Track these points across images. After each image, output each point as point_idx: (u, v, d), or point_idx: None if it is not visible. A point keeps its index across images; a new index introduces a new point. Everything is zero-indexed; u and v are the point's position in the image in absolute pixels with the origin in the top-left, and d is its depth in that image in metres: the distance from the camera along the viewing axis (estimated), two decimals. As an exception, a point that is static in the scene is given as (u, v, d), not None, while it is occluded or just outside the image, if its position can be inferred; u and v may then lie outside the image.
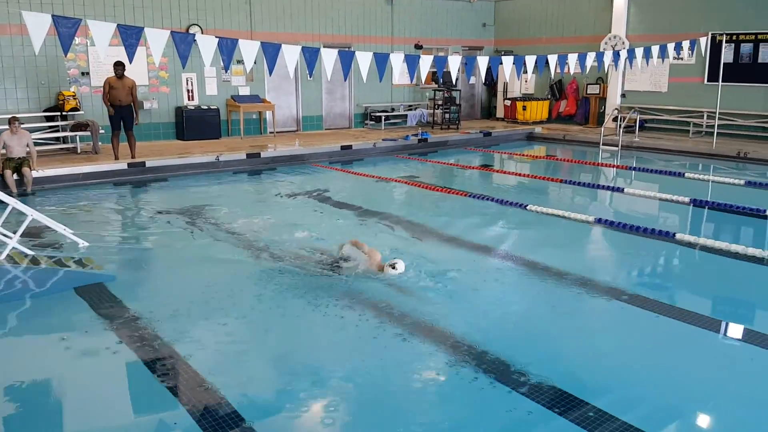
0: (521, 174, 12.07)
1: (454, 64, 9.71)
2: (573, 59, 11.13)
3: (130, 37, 6.83)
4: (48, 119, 12.43)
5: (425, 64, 9.21)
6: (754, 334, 4.99)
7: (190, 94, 14.32)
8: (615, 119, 15.60)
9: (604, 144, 14.51)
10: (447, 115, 17.07)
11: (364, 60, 8.62)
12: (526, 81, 18.91)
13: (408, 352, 4.62)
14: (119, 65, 10.88)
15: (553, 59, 10.81)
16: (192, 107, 14.12)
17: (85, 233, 7.34)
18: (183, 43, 7.23)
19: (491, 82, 18.95)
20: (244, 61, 7.85)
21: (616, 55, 11.70)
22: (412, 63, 9.10)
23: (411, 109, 17.86)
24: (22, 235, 6.61)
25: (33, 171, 9.94)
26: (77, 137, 12.16)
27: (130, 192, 10.46)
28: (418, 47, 17.41)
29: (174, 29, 9.12)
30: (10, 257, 6.40)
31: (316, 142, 14.20)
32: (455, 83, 16.96)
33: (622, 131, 14.43)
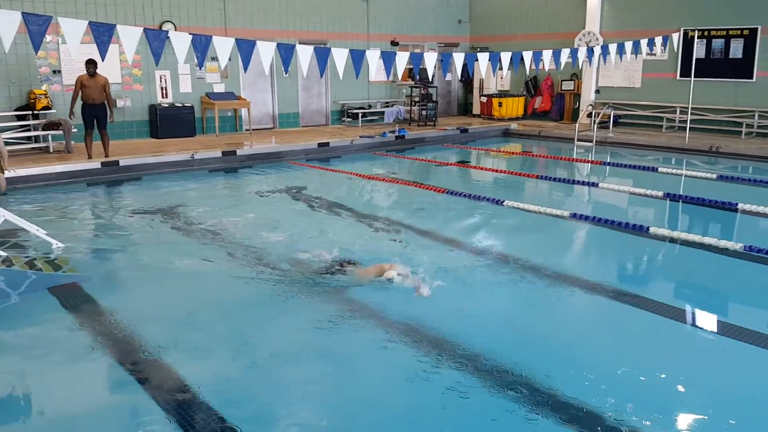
0: (498, 170, 12.14)
1: (430, 60, 9.72)
2: (548, 56, 11.21)
3: (102, 35, 6.73)
4: (19, 118, 12.20)
5: (402, 60, 9.21)
6: (726, 325, 5.08)
7: (164, 91, 14.17)
8: (589, 115, 15.75)
9: (578, 140, 14.64)
10: (424, 112, 17.10)
11: (340, 57, 8.60)
12: (501, 78, 19.01)
13: (388, 358, 4.64)
14: (91, 63, 10.73)
15: (528, 56, 10.87)
16: (166, 105, 13.98)
17: (59, 234, 7.23)
18: (156, 40, 7.15)
19: (467, 78, 19.01)
20: (218, 58, 7.78)
21: (590, 52, 11.81)
22: (388, 60, 9.10)
23: (388, 106, 17.87)
24: (-7, 237, 6.51)
25: (6, 171, 9.75)
26: (49, 136, 11.96)
27: (104, 191, 10.33)
28: (394, 44, 17.42)
29: (147, 26, 9.00)
30: (-19, 259, 6.30)
31: (293, 139, 14.15)
32: (432, 80, 16.99)
33: (596, 127, 14.58)
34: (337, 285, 5.78)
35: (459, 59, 9.96)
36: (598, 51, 11.88)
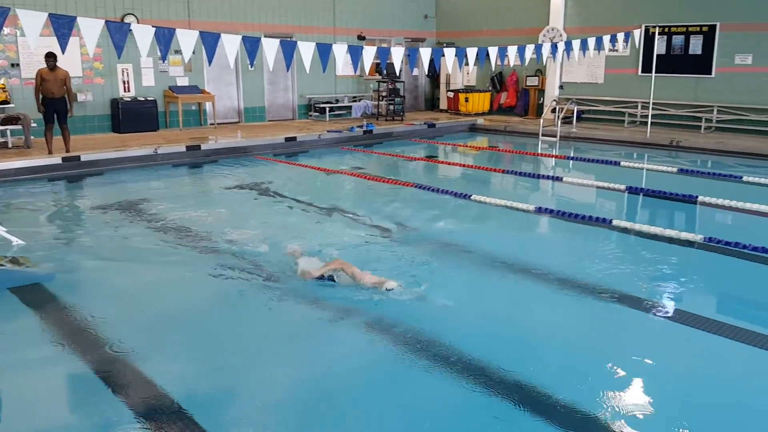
0: (465, 165, 12.22)
1: (397, 55, 9.73)
2: (513, 51, 11.31)
3: (62, 27, 6.60)
4: (-25, 112, 11.90)
5: (369, 55, 9.20)
6: (686, 315, 5.20)
7: (126, 85, 13.92)
8: (553, 110, 15.96)
9: (543, 135, 14.82)
10: (391, 107, 17.11)
11: (306, 50, 8.55)
12: (468, 73, 19.12)
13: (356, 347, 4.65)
14: (51, 56, 10.49)
15: (494, 51, 10.96)
16: (128, 99, 13.74)
17: (20, 231, 7.07)
18: (118, 33, 7.03)
19: (434, 74, 19.09)
20: (182, 51, 7.68)
21: (554, 47, 11.95)
22: (355, 54, 9.09)
23: (355, 101, 17.84)
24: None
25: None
26: (8, 131, 11.65)
27: (65, 187, 10.12)
28: (361, 38, 17.38)
29: (108, 19, 8.84)
30: (-63, 257, 6.12)
31: (259, 133, 14.03)
32: (399, 75, 17.00)
33: (560, 122, 14.77)
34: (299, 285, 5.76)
35: (426, 54, 9.99)
36: (561, 47, 12.04)
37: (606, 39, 12.65)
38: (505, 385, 3.99)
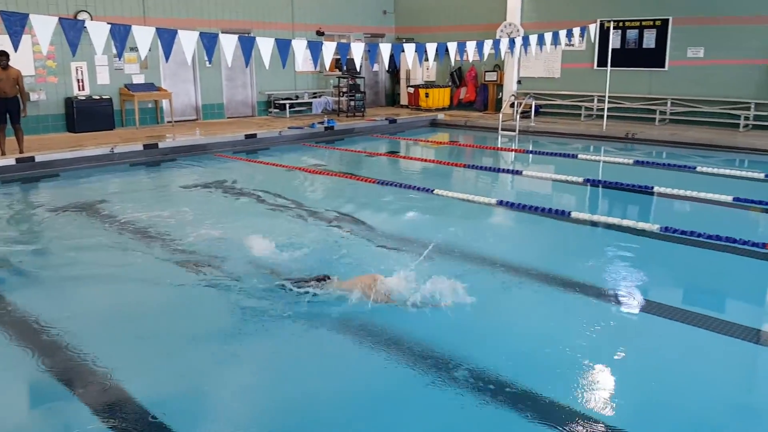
0: (427, 160, 12.29)
1: (357, 51, 9.72)
2: (471, 47, 11.40)
3: (14, 24, 6.42)
4: None
5: (328, 51, 9.17)
6: (646, 303, 5.34)
7: (80, 83, 13.62)
8: (512, 105, 16.15)
9: (502, 129, 14.99)
10: (352, 103, 17.10)
11: (265, 46, 8.48)
12: (427, 68, 19.21)
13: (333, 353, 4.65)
14: (3, 55, 10.21)
15: (453, 47, 11.03)
16: (83, 97, 13.44)
17: (-29, 234, 6.87)
18: (72, 30, 6.87)
19: (394, 69, 19.12)
20: (138, 48, 7.55)
21: (511, 43, 12.09)
22: (315, 50, 9.05)
23: (316, 97, 17.77)
24: None
25: None
26: (-44, 132, 11.31)
27: (19, 189, 9.86)
28: (320, 34, 17.31)
29: (62, 15, 8.63)
30: None
31: (218, 131, 13.88)
32: (359, 70, 16.96)
33: (519, 117, 14.96)
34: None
35: (386, 50, 10.00)
36: (519, 42, 12.18)
37: (562, 34, 12.85)
38: (459, 373, 4.05)
